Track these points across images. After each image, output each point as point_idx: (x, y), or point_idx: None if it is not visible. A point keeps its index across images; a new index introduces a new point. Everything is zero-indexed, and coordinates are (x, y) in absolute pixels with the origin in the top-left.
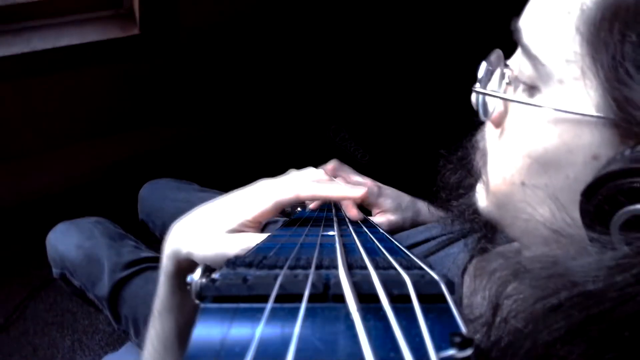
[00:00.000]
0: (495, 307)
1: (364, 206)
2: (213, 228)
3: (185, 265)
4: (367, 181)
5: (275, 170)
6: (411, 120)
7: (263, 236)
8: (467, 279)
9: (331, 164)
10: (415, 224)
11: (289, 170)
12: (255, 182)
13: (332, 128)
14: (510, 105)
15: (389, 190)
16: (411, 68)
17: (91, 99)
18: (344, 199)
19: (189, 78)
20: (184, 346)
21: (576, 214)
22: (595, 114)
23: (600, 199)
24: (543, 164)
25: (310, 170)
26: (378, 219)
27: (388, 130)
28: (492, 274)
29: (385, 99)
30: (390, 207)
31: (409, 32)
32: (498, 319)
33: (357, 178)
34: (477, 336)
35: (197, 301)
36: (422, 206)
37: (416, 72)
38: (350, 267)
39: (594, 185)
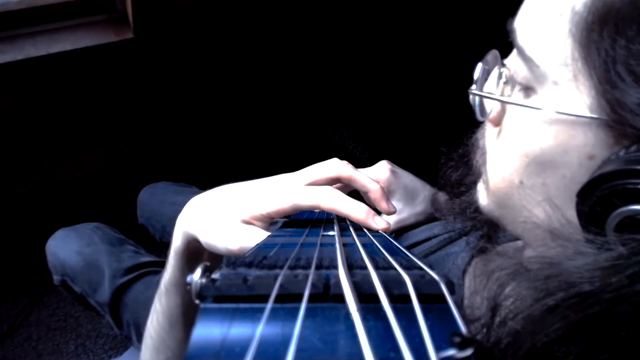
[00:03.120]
0: (494, 309)
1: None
2: (223, 216)
3: (193, 245)
4: (382, 178)
5: (274, 169)
6: (410, 117)
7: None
8: (467, 279)
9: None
10: (431, 217)
11: (332, 158)
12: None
13: (330, 126)
14: (508, 105)
15: (399, 187)
16: (409, 64)
17: (87, 104)
18: (363, 223)
19: (185, 80)
20: (189, 324)
21: (573, 214)
22: (589, 115)
23: (595, 200)
24: (540, 164)
25: (334, 162)
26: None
27: (387, 127)
28: (491, 275)
29: (383, 96)
30: (397, 209)
31: (407, 29)
32: (497, 320)
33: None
34: (478, 337)
35: (197, 301)
36: (443, 199)
37: (414, 68)
38: (350, 267)
39: (589, 187)
